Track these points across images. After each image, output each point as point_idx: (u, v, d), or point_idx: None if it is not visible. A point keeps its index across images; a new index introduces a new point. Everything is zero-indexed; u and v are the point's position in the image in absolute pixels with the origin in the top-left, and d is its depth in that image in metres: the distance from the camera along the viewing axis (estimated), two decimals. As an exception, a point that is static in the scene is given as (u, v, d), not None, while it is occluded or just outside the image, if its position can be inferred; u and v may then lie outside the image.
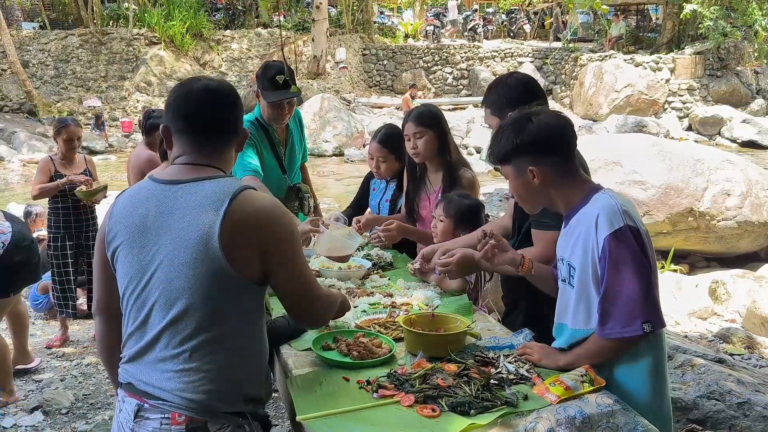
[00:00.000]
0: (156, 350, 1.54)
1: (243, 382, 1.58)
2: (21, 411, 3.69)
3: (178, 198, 1.56)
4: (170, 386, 1.51)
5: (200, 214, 1.51)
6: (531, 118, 1.86)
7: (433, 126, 2.98)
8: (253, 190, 1.58)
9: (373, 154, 3.37)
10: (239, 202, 1.52)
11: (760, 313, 5.15)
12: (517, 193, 1.94)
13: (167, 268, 1.53)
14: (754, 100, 18.92)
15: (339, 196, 10.69)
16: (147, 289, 1.55)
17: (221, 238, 1.49)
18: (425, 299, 2.44)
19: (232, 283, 1.52)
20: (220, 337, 1.53)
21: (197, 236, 1.50)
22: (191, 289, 1.51)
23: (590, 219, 1.78)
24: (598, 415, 1.58)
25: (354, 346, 1.93)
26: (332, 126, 15.75)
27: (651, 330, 1.71)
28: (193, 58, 20.39)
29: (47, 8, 21.80)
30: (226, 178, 1.61)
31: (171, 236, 1.53)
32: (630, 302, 1.71)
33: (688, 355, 3.62)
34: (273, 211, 1.57)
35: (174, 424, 1.50)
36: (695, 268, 7.12)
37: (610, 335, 1.74)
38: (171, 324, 1.52)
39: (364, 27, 22.43)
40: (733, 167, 7.07)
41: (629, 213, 1.77)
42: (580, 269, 1.80)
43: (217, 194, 1.53)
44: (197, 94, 1.62)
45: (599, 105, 18.20)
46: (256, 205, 1.55)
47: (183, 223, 1.52)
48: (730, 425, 3.02)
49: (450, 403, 1.61)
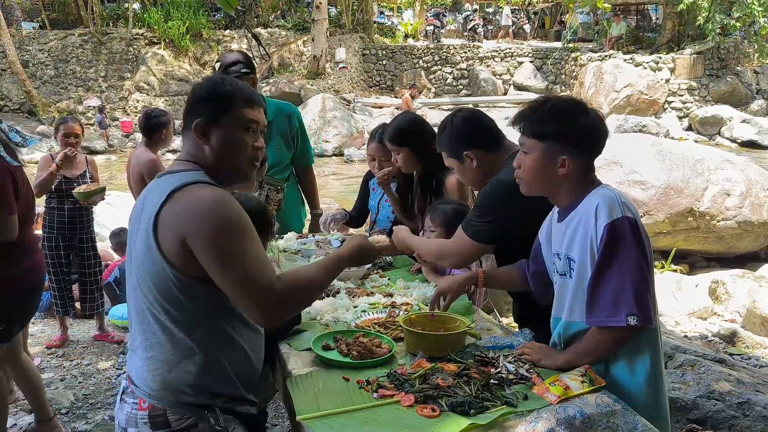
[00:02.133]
0: (135, 336, 1.63)
1: (204, 376, 1.58)
2: (21, 411, 3.69)
3: (151, 189, 1.63)
4: (141, 373, 1.60)
5: (150, 206, 1.56)
6: (586, 110, 1.84)
7: (406, 142, 2.99)
8: (204, 185, 1.54)
9: (374, 154, 3.35)
10: (178, 195, 1.52)
11: (760, 313, 5.15)
12: (528, 170, 1.86)
13: (133, 257, 1.62)
14: (754, 100, 18.93)
15: (339, 196, 10.70)
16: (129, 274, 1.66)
17: (155, 231, 1.52)
18: (425, 299, 2.44)
19: (173, 278, 1.53)
20: (172, 329, 1.56)
21: (144, 226, 1.56)
22: (141, 279, 1.58)
23: (589, 210, 1.77)
24: (598, 415, 1.58)
25: (354, 346, 1.93)
26: (332, 126, 15.77)
27: (636, 324, 1.68)
28: (193, 58, 20.41)
29: (47, 8, 21.81)
30: (188, 172, 1.59)
31: (138, 226, 1.60)
32: (617, 292, 1.70)
33: (688, 355, 3.62)
34: (207, 204, 1.49)
35: (140, 409, 1.58)
36: (695, 268, 7.12)
37: (595, 323, 1.75)
38: (136, 313, 1.61)
39: (364, 27, 22.42)
40: (733, 167, 7.08)
41: (627, 205, 1.77)
42: (579, 262, 1.79)
43: (166, 186, 1.55)
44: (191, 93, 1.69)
45: (599, 105, 18.17)
46: (189, 199, 1.51)
47: (144, 213, 1.59)
48: (730, 425, 3.02)
49: (450, 403, 1.61)
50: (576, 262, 1.80)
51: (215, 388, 1.60)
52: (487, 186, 2.27)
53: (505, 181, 2.16)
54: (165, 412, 1.56)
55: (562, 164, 1.80)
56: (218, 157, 1.63)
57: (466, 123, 2.40)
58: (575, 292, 1.82)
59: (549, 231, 1.99)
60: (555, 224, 1.94)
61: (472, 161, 2.35)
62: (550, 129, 1.80)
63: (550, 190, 1.88)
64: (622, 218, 1.72)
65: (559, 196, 1.88)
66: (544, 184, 1.87)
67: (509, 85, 21.56)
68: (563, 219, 1.89)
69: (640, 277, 1.71)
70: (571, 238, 1.82)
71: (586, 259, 1.77)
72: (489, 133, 2.39)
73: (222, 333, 1.62)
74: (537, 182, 1.87)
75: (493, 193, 2.23)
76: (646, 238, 1.77)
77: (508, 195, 2.11)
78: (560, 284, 1.90)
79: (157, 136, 4.28)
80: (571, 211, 1.85)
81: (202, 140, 1.62)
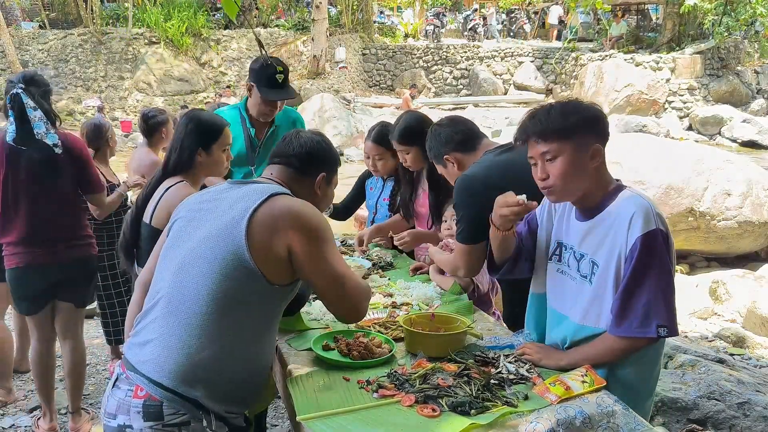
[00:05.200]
0: (155, 311, 1.65)
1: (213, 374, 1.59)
2: (20, 411, 3.68)
3: (233, 191, 1.74)
4: (148, 350, 1.60)
5: (238, 203, 1.66)
6: (580, 101, 1.85)
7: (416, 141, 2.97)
8: (289, 196, 1.73)
9: (369, 153, 3.34)
10: (275, 199, 1.66)
11: (760, 313, 5.15)
12: (563, 173, 1.76)
13: (196, 241, 1.66)
14: (754, 100, 18.93)
15: (338, 195, 10.68)
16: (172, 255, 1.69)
17: (248, 228, 1.60)
18: (425, 299, 2.44)
19: (246, 273, 1.59)
20: (209, 319, 1.58)
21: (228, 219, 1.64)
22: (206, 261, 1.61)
23: (623, 218, 1.74)
24: (598, 415, 1.57)
25: (354, 346, 1.92)
26: (332, 126, 15.75)
27: (666, 335, 1.70)
28: (193, 57, 20.41)
29: (47, 8, 21.79)
30: (272, 184, 1.77)
31: (212, 217, 1.68)
32: (650, 304, 1.69)
33: (688, 355, 3.62)
34: (299, 210, 1.67)
35: (135, 397, 1.58)
36: (695, 268, 7.12)
37: (624, 333, 1.72)
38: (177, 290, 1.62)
39: (364, 27, 22.42)
40: (734, 167, 7.08)
41: (661, 217, 1.76)
42: (603, 267, 1.78)
43: (260, 191, 1.68)
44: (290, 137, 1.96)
45: (599, 105, 18.09)
46: (289, 204, 1.68)
47: (225, 208, 1.68)
48: (730, 425, 3.02)
49: (450, 403, 1.61)
50: (600, 267, 1.79)
51: (218, 388, 1.61)
52: (455, 186, 2.36)
53: (467, 175, 2.30)
54: (161, 404, 1.56)
55: (595, 154, 1.77)
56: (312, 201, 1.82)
57: (443, 129, 2.53)
58: (593, 297, 1.80)
59: (551, 218, 1.98)
60: (573, 221, 1.90)
61: (453, 164, 2.48)
62: (574, 121, 1.76)
63: (584, 189, 1.80)
64: (656, 230, 1.71)
65: (589, 196, 1.81)
66: (581, 183, 1.78)
67: (509, 84, 21.56)
68: (588, 218, 1.84)
69: (670, 290, 1.72)
70: (600, 242, 1.79)
71: (610, 267, 1.75)
72: (466, 135, 2.50)
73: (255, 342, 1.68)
74: (574, 182, 1.78)
75: (458, 191, 2.32)
76: (673, 250, 1.76)
77: (471, 187, 2.24)
78: (579, 285, 1.86)
79: (158, 136, 4.27)
80: (598, 212, 1.81)
81: (320, 191, 1.91)
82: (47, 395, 3.32)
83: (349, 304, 1.78)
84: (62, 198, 3.12)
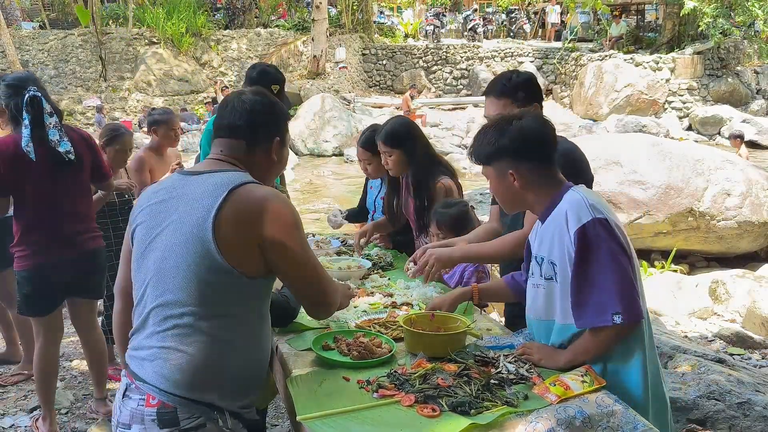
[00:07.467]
0: (147, 327, 1.61)
1: (220, 374, 1.59)
2: (20, 411, 3.68)
3: (189, 185, 1.64)
4: (150, 366, 1.57)
5: (200, 201, 1.58)
6: (512, 121, 1.87)
7: (400, 144, 3.01)
8: (257, 184, 1.64)
9: (359, 157, 3.43)
10: (238, 193, 1.58)
11: (760, 313, 5.15)
12: (497, 194, 1.95)
13: (163, 248, 1.60)
14: (754, 100, 18.93)
15: (339, 196, 10.69)
16: (145, 267, 1.63)
17: (215, 227, 1.54)
18: (425, 299, 2.44)
19: (221, 272, 1.56)
20: (201, 323, 1.56)
21: (193, 221, 1.57)
22: (180, 270, 1.56)
23: (561, 216, 1.80)
24: (598, 415, 1.58)
25: (354, 346, 1.93)
26: (332, 126, 15.76)
27: (622, 322, 1.70)
28: (193, 57, 20.41)
29: (47, 8, 21.81)
30: (237, 172, 1.67)
31: (174, 219, 1.61)
32: (601, 293, 1.72)
33: (688, 355, 3.62)
34: (271, 201, 1.60)
35: (148, 406, 1.55)
36: (695, 268, 7.12)
37: (584, 326, 1.77)
38: (160, 302, 1.59)
39: (364, 27, 22.42)
40: (733, 167, 7.08)
41: (596, 206, 1.78)
42: (560, 266, 1.82)
43: (220, 185, 1.60)
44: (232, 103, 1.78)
45: (599, 105, 18.20)
46: (254, 196, 1.60)
47: (186, 207, 1.60)
48: (730, 425, 3.02)
49: (450, 402, 1.61)
50: (558, 266, 1.83)
51: (229, 388, 1.61)
52: None
53: None
54: (175, 410, 1.54)
55: (513, 177, 1.85)
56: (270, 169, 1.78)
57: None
58: (564, 294, 1.83)
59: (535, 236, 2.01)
60: (538, 229, 1.96)
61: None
62: (486, 151, 1.88)
63: (522, 205, 1.95)
64: (592, 221, 1.74)
65: (534, 207, 1.92)
66: (514, 202, 1.93)
67: (509, 85, 21.50)
68: (542, 225, 1.92)
69: (621, 276, 1.72)
70: (551, 243, 1.85)
71: (565, 264, 1.79)
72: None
73: (251, 335, 1.67)
74: (507, 202, 1.95)
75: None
76: (621, 234, 1.78)
77: None
78: (549, 287, 1.89)
79: (162, 134, 4.25)
80: (548, 215, 1.87)
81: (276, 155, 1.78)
82: (48, 399, 3.30)
83: (321, 288, 1.72)
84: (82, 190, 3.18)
